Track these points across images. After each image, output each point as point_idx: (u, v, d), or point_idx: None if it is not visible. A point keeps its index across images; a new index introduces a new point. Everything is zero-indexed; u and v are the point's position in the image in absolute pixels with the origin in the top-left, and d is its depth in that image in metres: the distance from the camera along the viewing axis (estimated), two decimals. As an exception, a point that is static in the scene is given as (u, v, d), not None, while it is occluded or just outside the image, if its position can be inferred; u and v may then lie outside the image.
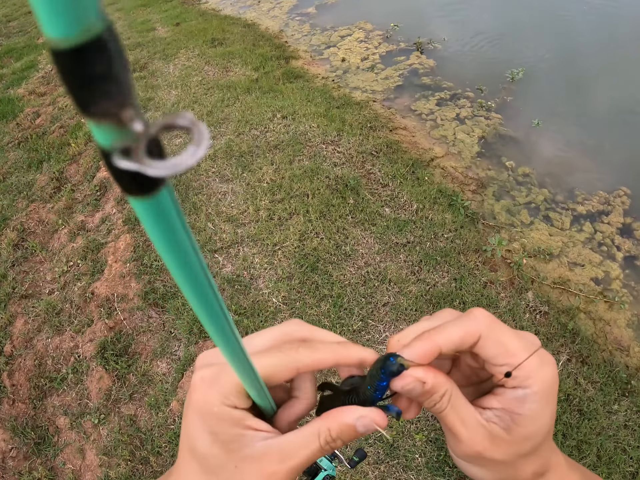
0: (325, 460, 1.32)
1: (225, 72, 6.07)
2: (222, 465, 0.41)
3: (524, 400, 0.43)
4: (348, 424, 0.42)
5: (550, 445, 0.47)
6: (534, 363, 0.43)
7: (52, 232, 4.19)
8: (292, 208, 3.80)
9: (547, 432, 0.44)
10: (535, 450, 0.45)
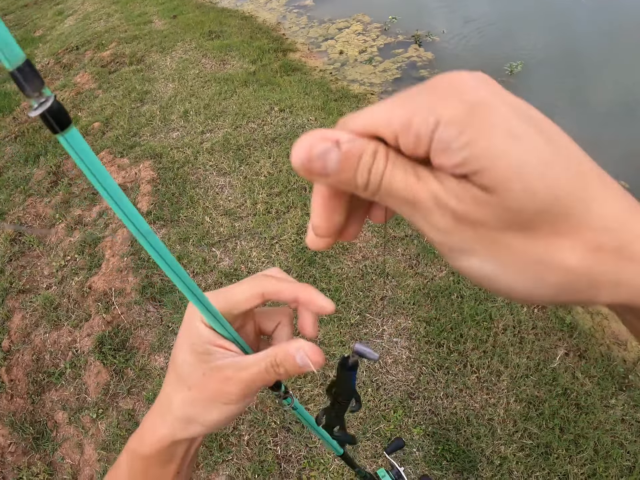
0: (388, 477, 1.27)
1: (223, 65, 6.05)
2: (192, 372, 0.47)
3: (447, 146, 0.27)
4: (289, 353, 0.45)
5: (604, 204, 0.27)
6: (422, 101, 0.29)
7: (49, 227, 4.17)
8: (290, 201, 3.79)
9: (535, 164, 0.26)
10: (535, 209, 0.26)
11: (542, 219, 0.27)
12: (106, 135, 5.09)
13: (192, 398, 0.48)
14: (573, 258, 0.27)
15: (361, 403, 0.69)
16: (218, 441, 2.60)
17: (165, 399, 0.51)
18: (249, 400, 0.50)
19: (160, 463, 0.52)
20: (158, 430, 0.51)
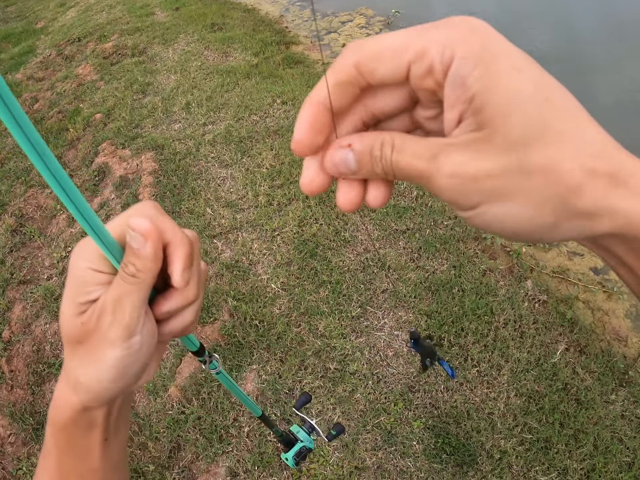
0: (302, 432, 1.32)
1: (225, 57, 6.03)
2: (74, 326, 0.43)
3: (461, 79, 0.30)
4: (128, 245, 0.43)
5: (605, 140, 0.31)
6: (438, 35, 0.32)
7: (50, 218, 4.17)
8: (292, 194, 3.78)
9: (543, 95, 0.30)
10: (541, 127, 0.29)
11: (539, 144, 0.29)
12: (108, 127, 5.08)
13: (81, 355, 0.44)
14: (573, 177, 0.29)
15: None
16: (218, 433, 2.60)
17: (65, 363, 0.47)
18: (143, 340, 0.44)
19: (81, 432, 0.48)
20: (67, 397, 0.47)
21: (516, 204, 0.31)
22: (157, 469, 2.55)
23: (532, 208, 0.30)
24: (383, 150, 0.34)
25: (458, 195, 0.32)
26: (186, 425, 2.66)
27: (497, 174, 0.30)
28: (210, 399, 2.73)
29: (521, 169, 0.30)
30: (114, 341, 0.42)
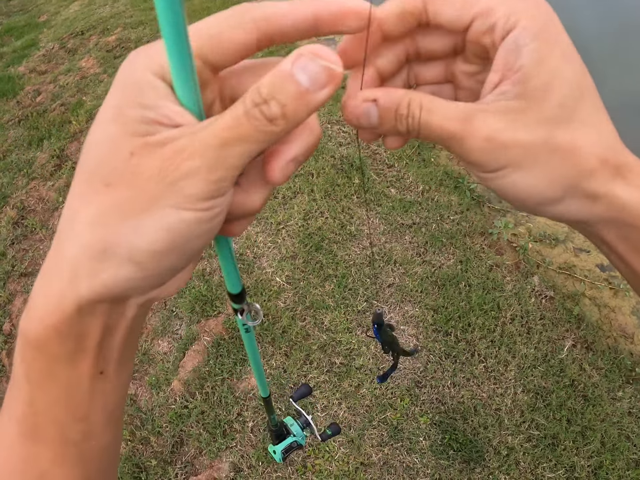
0: (296, 425, 1.27)
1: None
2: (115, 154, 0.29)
3: (516, 46, 0.32)
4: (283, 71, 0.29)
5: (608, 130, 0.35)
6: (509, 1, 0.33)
7: (52, 210, 4.15)
8: (297, 187, 3.76)
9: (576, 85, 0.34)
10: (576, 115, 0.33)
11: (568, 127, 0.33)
12: (111, 120, 5.06)
13: (112, 202, 0.29)
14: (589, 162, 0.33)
15: None
16: (222, 427, 2.58)
17: (65, 224, 0.31)
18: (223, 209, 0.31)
19: (64, 355, 0.32)
20: (52, 288, 0.31)
21: (534, 174, 0.34)
22: (159, 464, 2.53)
23: (547, 180, 0.34)
24: (411, 109, 0.34)
25: (487, 157, 0.34)
26: (189, 420, 2.64)
27: (526, 145, 0.33)
28: (214, 394, 2.70)
29: (547, 145, 0.33)
30: (189, 196, 0.28)
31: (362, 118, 0.35)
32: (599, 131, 0.34)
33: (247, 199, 0.34)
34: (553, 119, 0.33)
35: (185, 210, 0.28)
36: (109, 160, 0.29)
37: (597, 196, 0.34)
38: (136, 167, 0.28)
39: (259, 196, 0.35)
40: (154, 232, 0.28)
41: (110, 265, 0.29)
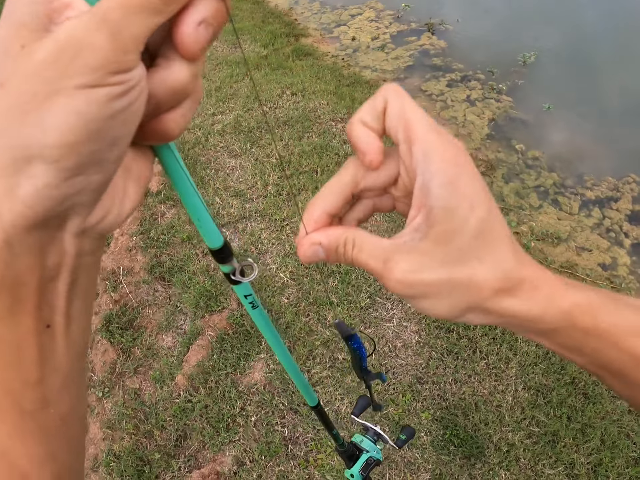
0: (366, 441, 1.20)
1: (234, 48, 6.01)
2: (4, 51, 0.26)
3: (427, 189, 0.38)
4: None
5: (507, 259, 0.40)
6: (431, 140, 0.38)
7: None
8: (301, 184, 3.77)
9: (479, 223, 0.38)
10: (475, 250, 0.38)
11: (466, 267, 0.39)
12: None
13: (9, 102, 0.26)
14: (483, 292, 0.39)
15: None
16: (225, 421, 2.60)
17: None
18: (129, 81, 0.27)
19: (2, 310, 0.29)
20: None
21: (438, 303, 0.40)
22: (163, 457, 2.55)
23: (449, 305, 0.40)
24: (346, 248, 0.42)
25: (400, 292, 0.40)
26: (193, 414, 2.66)
27: (431, 283, 0.39)
28: (217, 388, 2.72)
29: (449, 283, 0.39)
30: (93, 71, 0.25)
31: (313, 258, 0.43)
32: (494, 264, 0.39)
33: (168, 75, 0.30)
34: (454, 261, 0.38)
35: (92, 88, 0.25)
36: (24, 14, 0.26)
37: (489, 311, 0.40)
38: (29, 55, 0.25)
39: (180, 69, 0.30)
40: (63, 121, 0.25)
41: (25, 177, 0.26)
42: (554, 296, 0.41)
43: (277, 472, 2.43)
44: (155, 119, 0.32)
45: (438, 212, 0.37)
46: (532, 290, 0.40)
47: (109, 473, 2.54)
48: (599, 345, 0.41)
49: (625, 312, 0.42)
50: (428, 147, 0.38)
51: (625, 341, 0.41)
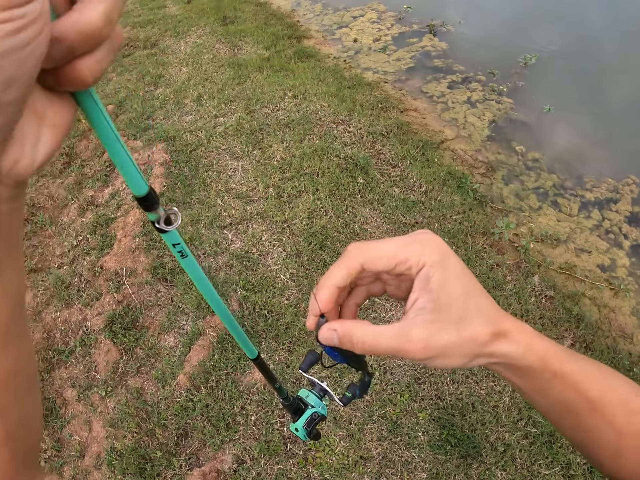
0: (312, 396, 1.16)
1: (237, 50, 6.04)
2: None
3: (427, 278, 0.50)
4: None
5: (493, 312, 0.52)
6: (415, 251, 0.51)
7: (61, 207, 4.21)
8: (302, 186, 3.80)
9: (466, 293, 0.50)
10: (468, 311, 0.50)
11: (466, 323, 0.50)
12: (120, 118, 5.10)
13: None
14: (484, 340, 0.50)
15: None
16: (225, 420, 2.64)
17: None
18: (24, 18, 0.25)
19: None
20: None
21: (452, 358, 0.50)
22: (164, 456, 2.58)
23: (459, 358, 0.51)
24: (354, 343, 0.51)
25: (423, 356, 0.49)
26: (194, 413, 2.69)
27: (446, 344, 0.49)
28: (218, 387, 2.76)
29: (459, 340, 0.49)
30: None
31: (329, 340, 0.53)
32: (486, 317, 0.51)
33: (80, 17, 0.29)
34: (457, 322, 0.49)
35: None
36: None
37: (490, 354, 0.51)
38: None
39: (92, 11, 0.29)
40: None
41: None
42: (532, 342, 0.52)
43: (277, 471, 2.46)
44: (68, 65, 0.30)
45: (436, 290, 0.49)
46: (517, 335, 0.51)
47: (111, 471, 2.57)
48: (563, 386, 0.53)
49: (582, 362, 0.54)
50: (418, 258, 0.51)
51: (583, 383, 0.53)
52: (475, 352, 0.51)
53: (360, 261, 0.53)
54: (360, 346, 0.51)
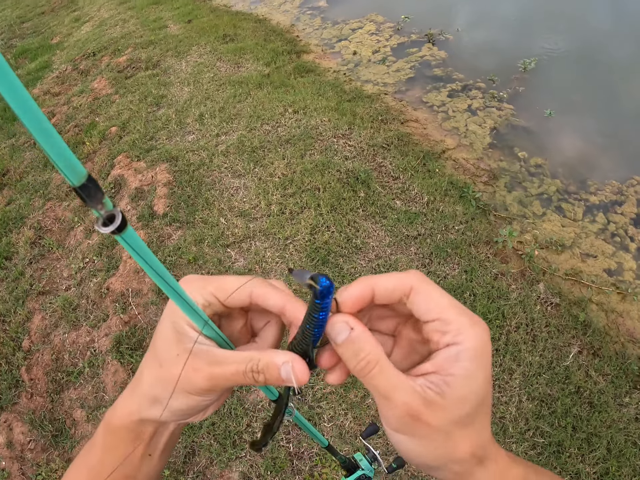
0: (365, 460, 1.36)
1: (237, 68, 6.10)
2: (167, 350, 0.48)
3: (457, 358, 0.43)
4: (274, 363, 0.44)
5: (487, 430, 0.47)
6: (465, 321, 0.45)
7: (68, 230, 4.25)
8: (304, 202, 3.82)
9: (482, 400, 0.44)
10: (472, 421, 0.44)
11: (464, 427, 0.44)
12: (123, 140, 5.16)
13: (161, 377, 0.48)
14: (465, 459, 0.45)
15: None
16: (232, 438, 2.64)
17: (139, 373, 0.51)
18: (219, 395, 0.50)
19: (129, 440, 0.52)
20: (127, 404, 0.52)
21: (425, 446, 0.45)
22: (172, 474, 2.59)
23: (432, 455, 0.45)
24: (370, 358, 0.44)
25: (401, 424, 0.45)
26: (200, 431, 2.70)
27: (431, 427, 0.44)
28: (224, 405, 2.76)
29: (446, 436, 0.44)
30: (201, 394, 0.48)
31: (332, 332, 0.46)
32: (480, 434, 0.45)
33: None
34: (458, 422, 0.43)
35: (194, 396, 0.47)
36: (164, 353, 0.48)
37: (459, 474, 0.46)
38: (177, 364, 0.46)
39: None
40: (178, 402, 0.48)
41: (156, 408, 0.49)
42: (503, 471, 0.47)
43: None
44: None
45: (458, 380, 0.43)
46: (492, 464, 0.47)
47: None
48: None
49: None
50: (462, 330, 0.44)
51: None
52: (447, 460, 0.46)
53: (413, 284, 0.47)
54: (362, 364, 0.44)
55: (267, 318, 0.54)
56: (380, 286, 0.47)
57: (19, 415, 3.02)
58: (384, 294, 0.47)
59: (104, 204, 0.32)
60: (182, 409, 0.49)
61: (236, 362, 0.46)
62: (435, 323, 0.45)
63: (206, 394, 0.48)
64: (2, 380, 3.20)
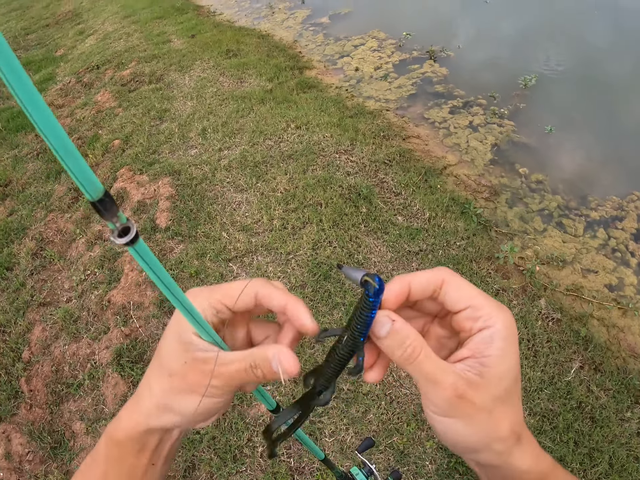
0: (361, 474, 1.37)
1: (240, 83, 6.14)
2: (175, 360, 0.50)
3: (491, 340, 0.47)
4: (266, 357, 0.48)
5: (521, 408, 0.49)
6: (494, 305, 0.48)
7: (69, 242, 4.26)
8: (306, 217, 3.83)
9: (515, 377, 0.48)
10: (509, 397, 0.47)
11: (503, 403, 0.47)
12: (126, 153, 5.18)
13: (171, 386, 0.50)
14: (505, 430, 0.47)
15: None
16: (232, 452, 2.63)
17: (145, 385, 0.53)
18: (227, 397, 0.52)
19: (133, 451, 0.53)
20: (133, 415, 0.52)
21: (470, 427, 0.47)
22: (173, 489, 2.58)
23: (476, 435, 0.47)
24: (415, 345, 0.47)
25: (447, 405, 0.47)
26: (201, 445, 2.68)
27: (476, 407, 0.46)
28: (224, 419, 2.75)
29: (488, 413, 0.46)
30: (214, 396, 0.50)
31: (377, 326, 0.48)
32: (517, 411, 0.48)
33: None
34: (498, 398, 0.46)
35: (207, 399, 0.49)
36: (172, 363, 0.50)
37: (499, 453, 0.48)
38: (186, 371, 0.49)
39: None
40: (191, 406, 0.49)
41: (167, 416, 0.51)
42: (539, 456, 0.50)
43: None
44: None
45: (494, 359, 0.46)
46: (528, 444, 0.49)
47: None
48: None
49: None
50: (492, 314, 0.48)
51: None
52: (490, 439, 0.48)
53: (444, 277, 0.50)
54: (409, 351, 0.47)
55: (267, 332, 0.56)
56: (416, 281, 0.50)
57: (18, 427, 3.01)
58: (419, 288, 0.50)
59: (119, 217, 0.34)
60: (194, 412, 0.50)
61: (238, 359, 0.48)
62: (467, 311, 0.49)
63: (218, 396, 0.50)
64: (1, 391, 3.18)
